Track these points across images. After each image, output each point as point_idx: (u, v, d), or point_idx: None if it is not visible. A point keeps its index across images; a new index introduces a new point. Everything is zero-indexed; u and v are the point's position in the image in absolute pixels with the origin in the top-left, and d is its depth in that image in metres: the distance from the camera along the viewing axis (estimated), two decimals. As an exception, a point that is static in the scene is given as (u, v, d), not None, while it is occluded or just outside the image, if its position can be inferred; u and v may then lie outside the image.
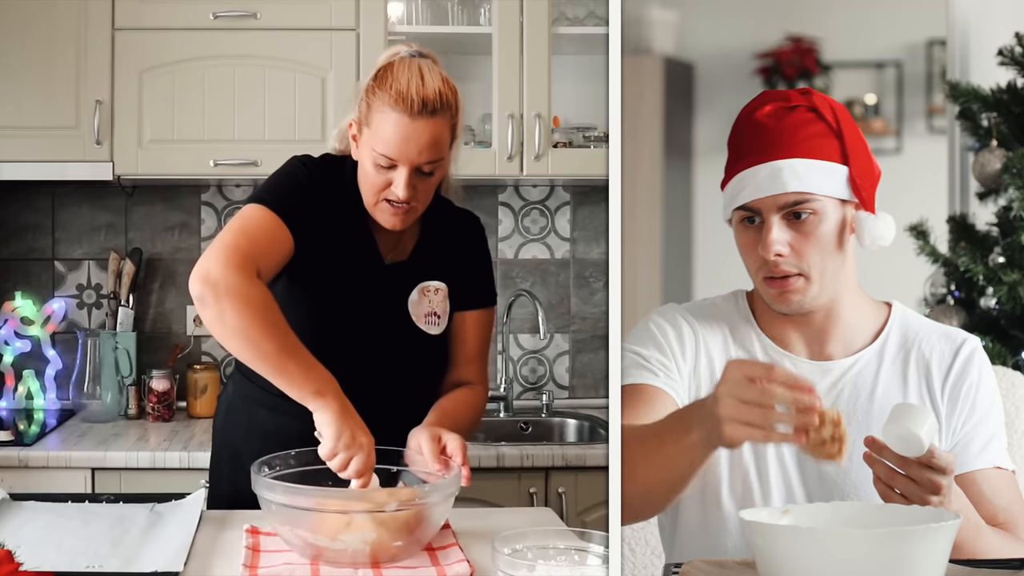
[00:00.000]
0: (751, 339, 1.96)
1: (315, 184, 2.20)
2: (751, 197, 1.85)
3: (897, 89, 5.29)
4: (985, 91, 3.15)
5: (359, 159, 2.21)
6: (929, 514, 1.59)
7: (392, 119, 2.12)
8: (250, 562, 1.87)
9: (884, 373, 1.92)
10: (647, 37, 5.14)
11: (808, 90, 1.92)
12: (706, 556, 1.84)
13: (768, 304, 1.91)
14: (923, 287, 3.25)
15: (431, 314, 2.28)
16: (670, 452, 1.67)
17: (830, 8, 5.22)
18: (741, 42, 5.25)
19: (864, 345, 1.94)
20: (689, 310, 1.99)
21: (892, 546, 1.46)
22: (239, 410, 2.36)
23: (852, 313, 1.93)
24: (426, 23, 3.45)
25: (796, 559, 1.49)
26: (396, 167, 2.14)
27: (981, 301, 3.08)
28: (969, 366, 1.92)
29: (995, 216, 3.16)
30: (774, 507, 1.70)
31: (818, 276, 1.86)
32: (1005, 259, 3.03)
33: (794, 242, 1.85)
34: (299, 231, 2.15)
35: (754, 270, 1.89)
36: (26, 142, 3.28)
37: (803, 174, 1.84)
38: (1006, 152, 3.07)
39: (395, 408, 2.22)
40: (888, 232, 1.89)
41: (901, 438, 1.63)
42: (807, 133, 1.86)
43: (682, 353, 1.94)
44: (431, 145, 2.14)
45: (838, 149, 1.87)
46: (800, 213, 1.85)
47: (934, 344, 1.94)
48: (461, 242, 2.36)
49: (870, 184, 1.89)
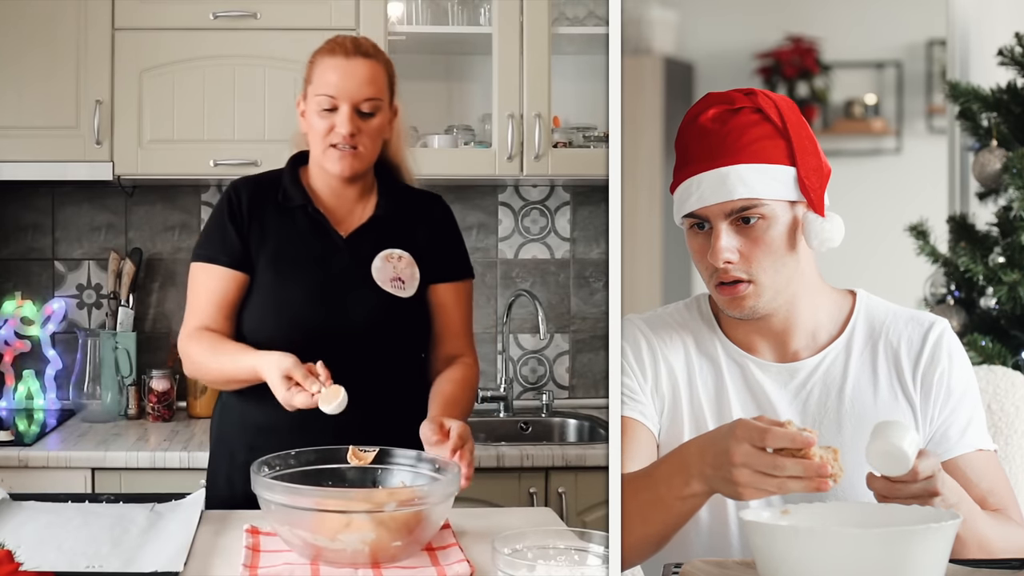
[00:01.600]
0: (715, 345, 1.94)
1: (249, 204, 2.37)
2: (698, 205, 1.84)
3: (897, 89, 5.29)
4: (985, 91, 3.15)
5: (305, 121, 2.36)
6: (929, 514, 1.59)
7: (330, 63, 2.33)
8: (250, 562, 1.87)
9: (853, 367, 1.90)
10: (647, 37, 5.13)
11: (752, 90, 1.88)
12: (699, 556, 1.84)
13: (722, 309, 1.90)
14: (923, 287, 3.25)
15: (396, 279, 2.35)
16: (669, 504, 1.68)
17: (830, 8, 5.22)
18: (741, 42, 5.25)
19: (830, 340, 1.92)
20: (648, 322, 1.98)
21: (892, 546, 1.46)
22: (232, 408, 2.41)
23: (813, 310, 1.91)
24: (426, 23, 3.45)
25: (796, 559, 1.49)
26: (338, 109, 2.30)
27: (981, 301, 3.08)
28: (938, 351, 1.89)
29: (995, 216, 3.16)
30: (774, 507, 1.70)
31: (769, 281, 1.84)
32: (1005, 259, 3.03)
33: (743, 248, 1.83)
34: (242, 257, 2.34)
35: (707, 276, 1.87)
36: (26, 142, 3.28)
37: (749, 180, 1.82)
38: (1006, 152, 3.07)
39: (380, 377, 2.30)
40: (837, 233, 1.85)
41: (886, 454, 1.63)
42: (752, 136, 1.84)
43: (643, 373, 1.93)
44: (368, 81, 2.31)
45: (785, 150, 1.84)
46: (749, 218, 1.83)
47: (901, 331, 1.91)
48: (423, 217, 2.43)
49: (819, 184, 1.85)
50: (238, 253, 2.35)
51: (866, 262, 4.08)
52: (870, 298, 1.96)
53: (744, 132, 1.84)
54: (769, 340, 1.92)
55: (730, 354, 1.93)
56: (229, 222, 2.36)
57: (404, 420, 2.32)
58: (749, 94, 1.88)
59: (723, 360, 1.93)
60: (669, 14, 5.20)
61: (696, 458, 1.65)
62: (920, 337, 1.91)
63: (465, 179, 3.50)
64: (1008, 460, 2.10)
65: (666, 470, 1.70)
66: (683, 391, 1.93)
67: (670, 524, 1.70)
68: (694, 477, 1.65)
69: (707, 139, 1.85)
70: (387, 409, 2.31)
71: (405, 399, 2.35)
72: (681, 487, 1.66)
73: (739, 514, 1.61)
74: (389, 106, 2.37)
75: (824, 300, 1.93)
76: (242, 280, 2.35)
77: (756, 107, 1.86)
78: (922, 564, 1.48)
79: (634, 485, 1.72)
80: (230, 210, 2.37)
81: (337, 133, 2.30)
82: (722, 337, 1.95)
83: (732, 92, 1.89)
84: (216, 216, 2.40)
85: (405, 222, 2.41)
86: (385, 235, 2.38)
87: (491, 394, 3.58)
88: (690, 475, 1.65)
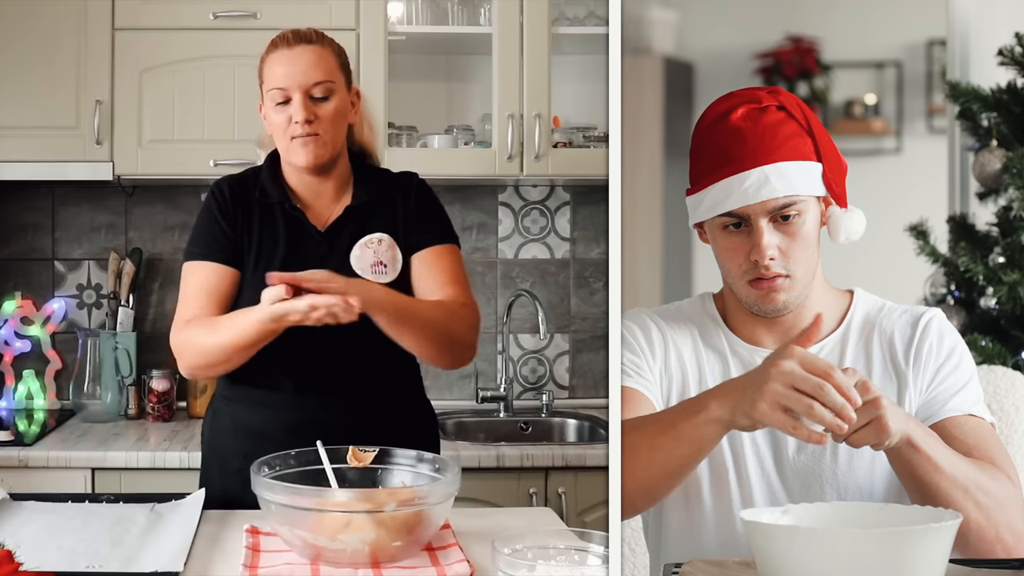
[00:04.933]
0: (720, 338, 1.98)
1: (234, 201, 2.36)
2: (739, 204, 1.86)
3: (897, 89, 5.29)
4: (985, 91, 3.15)
5: (267, 122, 2.35)
6: (929, 514, 1.59)
7: (275, 57, 2.34)
8: (250, 562, 1.87)
9: (849, 354, 1.94)
10: (647, 37, 5.13)
11: (776, 89, 1.92)
12: (690, 556, 1.85)
13: (749, 306, 1.92)
14: (923, 287, 3.25)
15: (377, 263, 2.33)
16: (680, 430, 1.70)
17: (830, 8, 5.22)
18: (741, 42, 5.25)
19: (829, 332, 1.96)
20: (657, 313, 2.01)
21: (892, 546, 1.46)
22: (223, 413, 2.39)
23: (819, 305, 1.94)
24: (426, 23, 3.45)
25: (796, 559, 1.49)
26: (291, 99, 2.29)
27: (981, 301, 3.08)
28: (928, 330, 1.92)
29: (995, 216, 3.16)
30: (774, 507, 1.70)
31: (802, 274, 1.89)
32: (1005, 259, 3.03)
33: (782, 244, 1.87)
34: (234, 253, 2.33)
35: (739, 273, 1.90)
36: (26, 142, 3.28)
37: (789, 176, 1.86)
38: (1006, 152, 3.07)
39: (371, 370, 2.29)
40: (860, 226, 1.91)
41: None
42: (785, 134, 1.87)
43: (652, 353, 1.95)
44: (315, 65, 2.32)
45: (812, 147, 1.89)
46: (788, 215, 1.86)
47: (895, 320, 1.95)
48: (398, 194, 2.40)
49: (840, 179, 1.91)
50: (230, 249, 2.34)
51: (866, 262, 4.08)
52: (867, 296, 2.00)
53: (777, 131, 1.87)
54: (777, 335, 1.95)
55: (735, 348, 1.96)
56: (220, 218, 2.35)
57: (399, 419, 2.32)
58: (772, 92, 1.91)
59: (729, 354, 1.96)
60: (669, 14, 5.20)
61: (717, 388, 1.71)
62: (912, 323, 1.94)
63: (465, 179, 3.50)
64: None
65: (680, 404, 1.76)
66: (692, 378, 1.96)
67: (679, 457, 1.71)
68: (713, 399, 1.69)
69: (741, 138, 1.87)
70: (381, 407, 2.30)
71: (399, 395, 2.34)
72: (694, 413, 1.70)
73: (739, 514, 1.61)
74: (347, 90, 2.36)
75: (828, 297, 1.97)
76: (235, 276, 2.33)
77: (781, 105, 1.89)
78: (922, 564, 1.48)
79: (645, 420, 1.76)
80: (219, 207, 2.36)
81: (294, 123, 2.28)
82: (728, 331, 1.98)
83: (755, 91, 1.92)
84: (205, 215, 2.38)
85: (381, 205, 2.38)
86: (363, 223, 2.36)
87: (491, 394, 3.58)
88: (708, 399, 1.70)
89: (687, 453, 1.72)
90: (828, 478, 1.89)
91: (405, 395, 2.36)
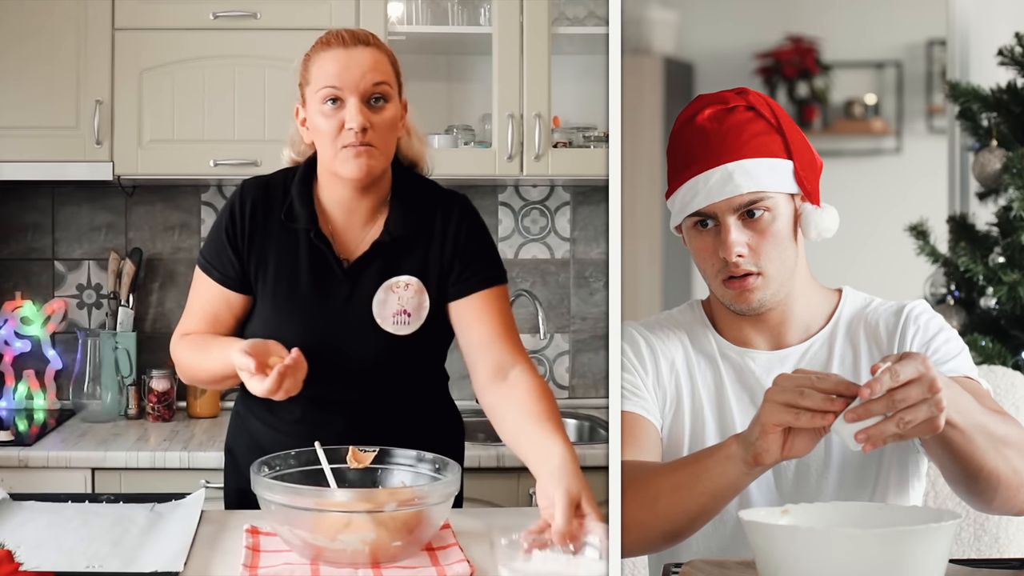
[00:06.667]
0: (710, 343, 1.98)
1: (252, 222, 2.19)
2: (705, 202, 1.88)
3: (897, 89, 5.29)
4: (985, 91, 3.15)
5: (310, 127, 2.17)
6: (929, 514, 1.59)
7: (329, 55, 2.15)
8: (250, 562, 1.87)
9: (837, 351, 1.94)
10: (647, 37, 5.13)
11: (744, 90, 1.94)
12: (690, 556, 1.85)
13: (727, 305, 1.93)
14: (923, 287, 3.25)
15: (400, 312, 2.15)
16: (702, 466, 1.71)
17: (830, 8, 5.22)
18: (741, 42, 5.25)
19: (817, 330, 1.96)
20: (644, 325, 2.02)
21: (892, 546, 1.46)
22: (241, 421, 2.34)
23: (806, 304, 1.95)
24: (426, 23, 3.45)
25: (796, 559, 1.49)
26: (344, 103, 2.11)
27: (981, 301, 3.08)
28: (911, 316, 1.93)
29: (995, 216, 3.16)
30: (773, 507, 1.70)
31: (775, 272, 1.89)
32: (1005, 259, 3.03)
33: (751, 241, 1.88)
34: (240, 280, 2.20)
35: (712, 273, 1.91)
36: (26, 142, 3.28)
37: (754, 173, 1.87)
38: (1006, 152, 3.07)
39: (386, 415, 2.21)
40: (832, 223, 1.91)
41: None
42: (750, 132, 1.89)
43: (643, 367, 1.96)
44: (373, 68, 2.13)
45: (781, 145, 1.90)
46: (754, 212, 1.87)
47: (881, 313, 1.96)
48: (438, 224, 2.19)
49: (813, 176, 1.92)
50: (230, 271, 2.20)
51: (866, 262, 4.08)
52: (856, 293, 2.01)
53: (743, 129, 1.89)
54: (765, 335, 1.96)
55: (725, 351, 1.97)
56: (226, 238, 2.20)
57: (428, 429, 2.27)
58: (740, 93, 1.93)
59: (719, 357, 1.97)
60: (669, 14, 5.20)
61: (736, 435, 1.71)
62: (896, 313, 1.95)
63: (465, 179, 3.50)
64: (1008, 460, 2.10)
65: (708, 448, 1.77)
66: (684, 385, 1.96)
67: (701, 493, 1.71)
68: (734, 438, 1.70)
69: (706, 139, 1.89)
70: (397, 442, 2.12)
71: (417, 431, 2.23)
72: (717, 450, 1.71)
73: (739, 514, 1.61)
74: (399, 98, 2.18)
75: (815, 296, 1.98)
76: (231, 299, 2.21)
77: (749, 105, 1.91)
78: (922, 564, 1.48)
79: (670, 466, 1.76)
80: (230, 221, 2.20)
81: (348, 130, 2.09)
82: (717, 336, 1.99)
83: (723, 92, 1.95)
84: (218, 225, 2.23)
85: (416, 240, 2.17)
86: (392, 261, 2.16)
87: (491, 394, 3.58)
88: (731, 439, 1.70)
89: (707, 491, 1.71)
90: (832, 482, 1.89)
91: (424, 427, 2.26)
